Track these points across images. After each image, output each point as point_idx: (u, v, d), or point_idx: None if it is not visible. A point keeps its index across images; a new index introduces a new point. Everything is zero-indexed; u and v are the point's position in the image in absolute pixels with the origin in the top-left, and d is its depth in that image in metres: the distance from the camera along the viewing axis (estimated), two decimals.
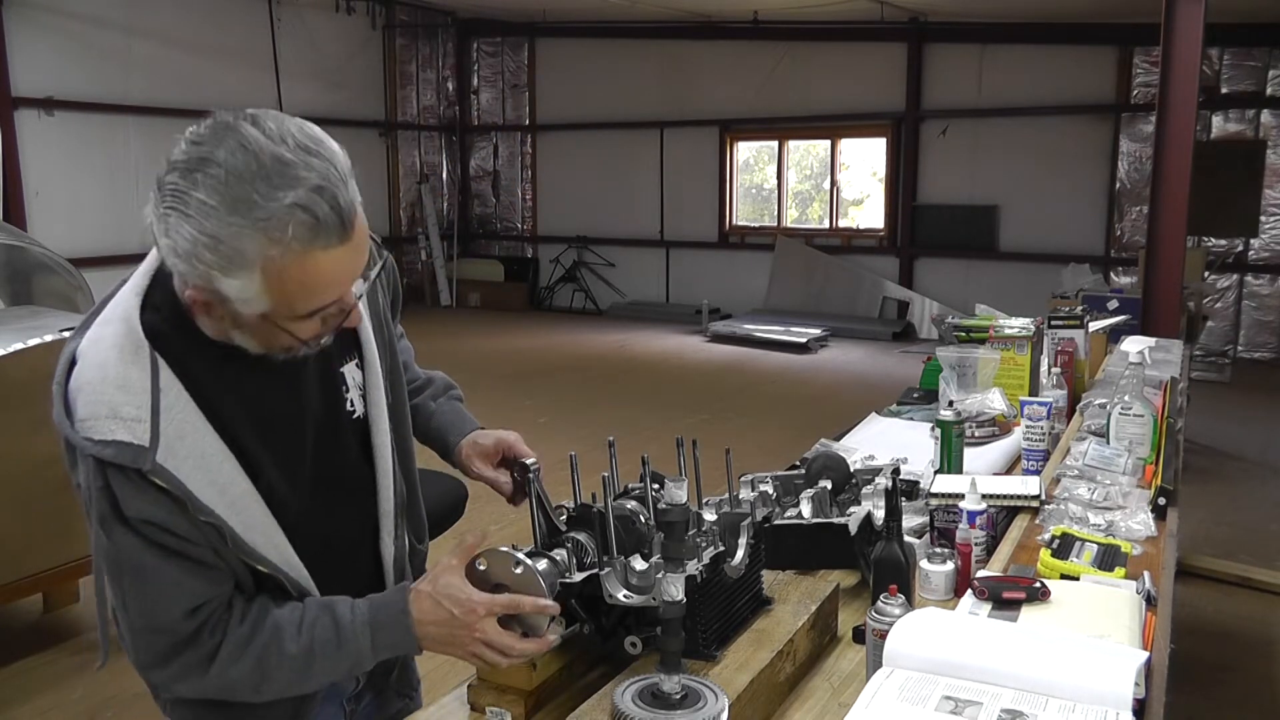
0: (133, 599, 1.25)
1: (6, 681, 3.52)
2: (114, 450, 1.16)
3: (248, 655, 1.26)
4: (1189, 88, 4.91)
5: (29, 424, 3.33)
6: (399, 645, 1.32)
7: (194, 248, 1.09)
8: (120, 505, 1.19)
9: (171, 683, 1.30)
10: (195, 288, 1.15)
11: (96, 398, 1.18)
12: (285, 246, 1.09)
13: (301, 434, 1.36)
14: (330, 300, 1.18)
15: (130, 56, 9.40)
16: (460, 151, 13.69)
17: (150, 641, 1.26)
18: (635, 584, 1.33)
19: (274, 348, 1.23)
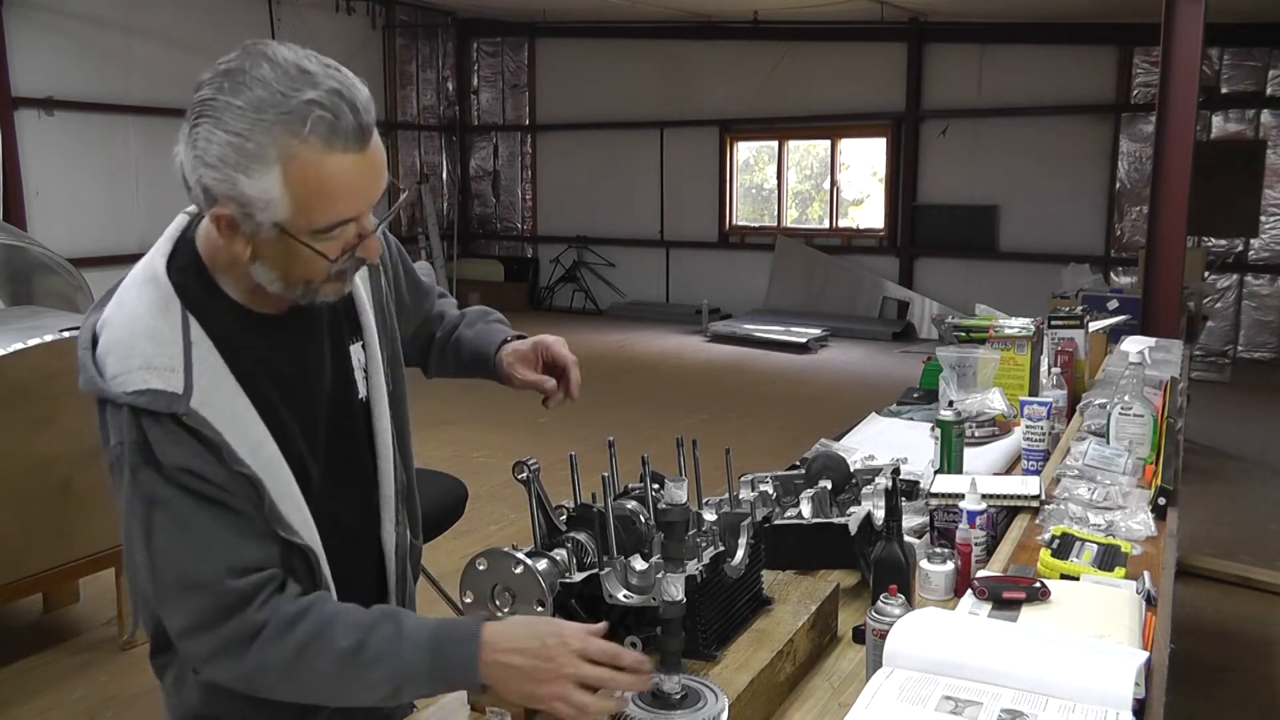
0: (171, 554, 1.19)
1: (6, 681, 3.52)
2: (149, 398, 1.17)
3: (293, 637, 1.19)
4: (1189, 88, 4.91)
5: (29, 424, 3.33)
6: (459, 671, 1.20)
7: (221, 150, 1.12)
8: (156, 453, 1.17)
9: (210, 656, 1.22)
10: (221, 202, 1.15)
11: (128, 352, 1.19)
12: (304, 141, 1.12)
13: (318, 407, 1.36)
14: (347, 215, 1.18)
15: (130, 56, 9.39)
16: (460, 151, 13.69)
17: (190, 603, 1.19)
18: (635, 584, 1.33)
19: (294, 279, 1.22)
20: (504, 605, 1.33)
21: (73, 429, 3.43)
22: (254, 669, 1.21)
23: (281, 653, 1.20)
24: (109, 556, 3.63)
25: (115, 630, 3.80)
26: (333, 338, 1.39)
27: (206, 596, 1.19)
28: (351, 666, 1.20)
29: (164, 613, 1.24)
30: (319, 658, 1.20)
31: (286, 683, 1.23)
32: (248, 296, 1.28)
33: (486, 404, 6.06)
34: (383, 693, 1.23)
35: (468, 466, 5.44)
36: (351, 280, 1.31)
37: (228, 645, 1.20)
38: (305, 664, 1.20)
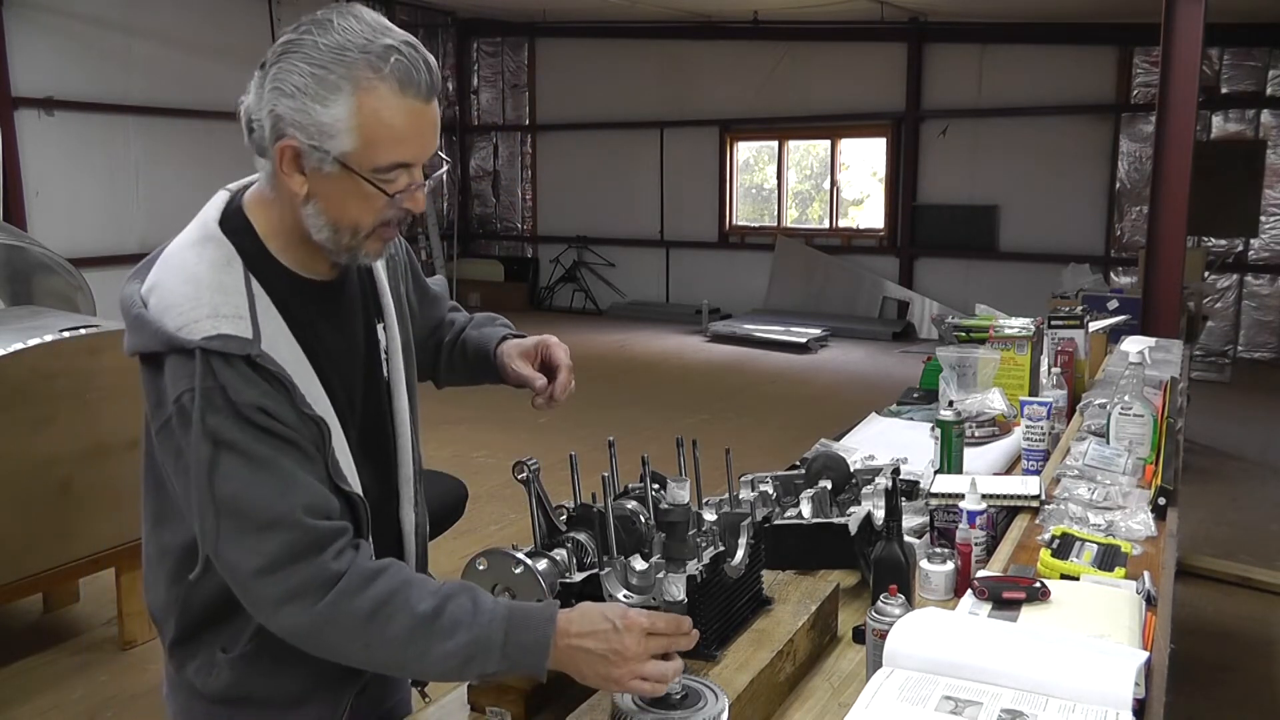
0: (245, 494, 1.19)
1: (6, 681, 3.52)
2: (221, 341, 1.20)
3: (369, 592, 1.20)
4: (1189, 88, 4.91)
5: (29, 424, 3.33)
6: (532, 651, 1.22)
7: (302, 80, 1.18)
8: (230, 394, 1.19)
9: (283, 599, 1.20)
10: (289, 133, 1.20)
11: (194, 304, 1.22)
12: (382, 79, 1.19)
13: (355, 380, 1.40)
14: (406, 159, 1.24)
15: (130, 56, 9.39)
16: (460, 151, 13.69)
17: (267, 542, 1.19)
18: (635, 584, 1.33)
19: (343, 225, 1.26)
20: None
21: (73, 429, 3.43)
22: (326, 619, 1.20)
23: (357, 607, 1.19)
24: (109, 556, 3.63)
25: (115, 630, 3.81)
26: (364, 317, 1.43)
27: (284, 534, 1.19)
28: (426, 632, 1.20)
29: (234, 557, 1.21)
30: (394, 619, 1.20)
31: (355, 641, 1.22)
32: (297, 262, 1.32)
33: (487, 404, 6.07)
34: (453, 664, 1.22)
35: (468, 466, 5.45)
36: (392, 239, 1.34)
37: (304, 589, 1.19)
38: (379, 623, 1.20)
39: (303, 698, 1.39)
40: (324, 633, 1.21)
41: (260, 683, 1.36)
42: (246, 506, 1.19)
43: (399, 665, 1.26)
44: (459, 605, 1.22)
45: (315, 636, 1.22)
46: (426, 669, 1.25)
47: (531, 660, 1.22)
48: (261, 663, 1.34)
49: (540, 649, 1.21)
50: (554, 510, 1.43)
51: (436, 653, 1.21)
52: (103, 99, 9.16)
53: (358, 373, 1.41)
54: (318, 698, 1.40)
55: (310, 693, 1.39)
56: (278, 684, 1.36)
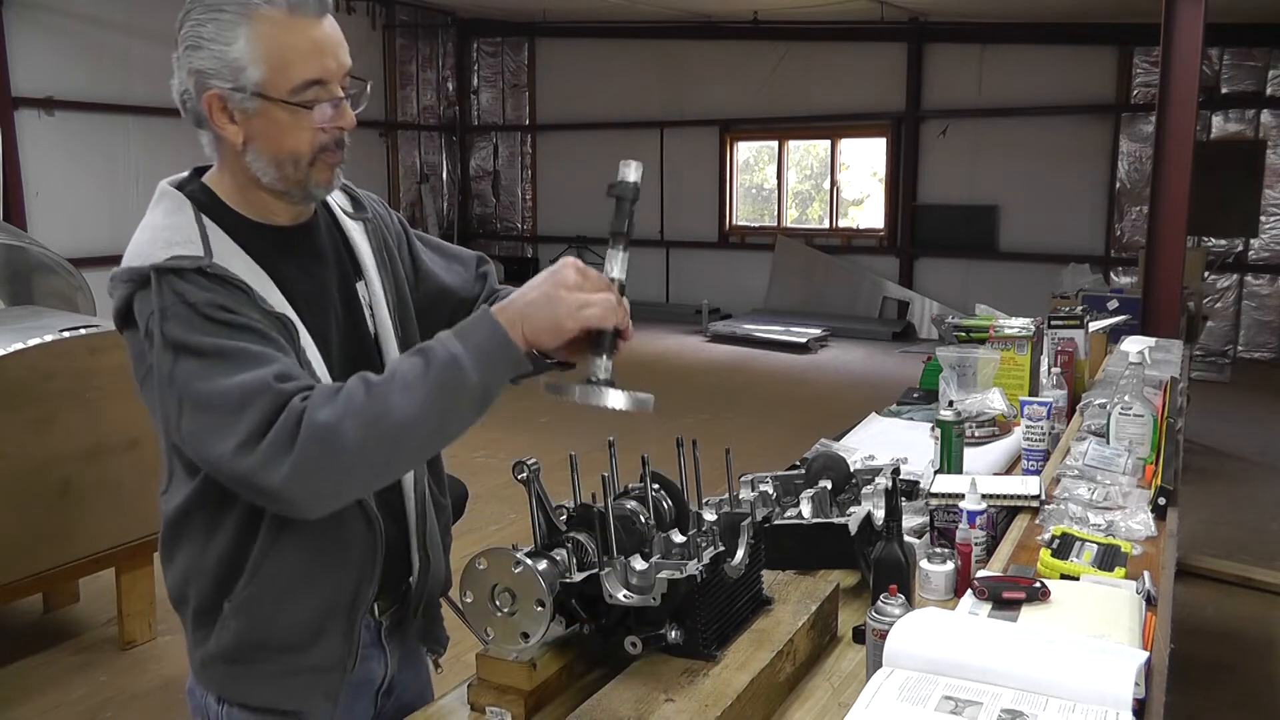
0: (220, 380, 1.19)
1: (6, 681, 3.52)
2: (174, 260, 1.26)
3: (334, 400, 1.18)
4: (1189, 88, 4.91)
5: (29, 424, 3.33)
6: (492, 342, 1.22)
7: (199, 29, 1.28)
8: (188, 299, 1.24)
9: (265, 461, 1.17)
10: (211, 83, 1.28)
11: (149, 243, 1.30)
12: (273, 5, 1.27)
13: (329, 326, 1.42)
14: (314, 75, 1.29)
15: (130, 56, 9.38)
16: (460, 151, 13.69)
17: (244, 417, 1.18)
18: (635, 584, 1.33)
19: (283, 157, 1.32)
20: (504, 605, 1.33)
21: (73, 429, 3.43)
22: (311, 447, 1.17)
23: (334, 409, 1.18)
24: (109, 556, 3.63)
25: (115, 630, 3.81)
26: (338, 271, 1.46)
27: (258, 403, 1.18)
28: (395, 390, 1.19)
29: (218, 448, 1.20)
30: (372, 398, 1.19)
31: (348, 447, 1.17)
32: (256, 213, 1.38)
33: None
34: (439, 399, 1.20)
35: (468, 466, 5.44)
36: (337, 169, 1.37)
37: (279, 439, 1.17)
38: (353, 417, 1.17)
39: (313, 634, 1.39)
40: (315, 464, 1.18)
41: (267, 627, 1.37)
42: (220, 396, 1.19)
43: (395, 439, 1.21)
44: (408, 361, 1.23)
45: (310, 471, 1.18)
46: (427, 422, 1.21)
47: (498, 347, 1.22)
48: (264, 606, 1.36)
49: (497, 335, 1.22)
50: (554, 510, 1.43)
51: (418, 402, 1.19)
52: (103, 99, 9.16)
53: (333, 322, 1.43)
54: (328, 631, 1.40)
55: (319, 626, 1.39)
56: (283, 623, 1.37)
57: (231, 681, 1.40)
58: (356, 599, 1.41)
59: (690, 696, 1.28)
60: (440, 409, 1.21)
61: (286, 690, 1.40)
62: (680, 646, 1.36)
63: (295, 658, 1.39)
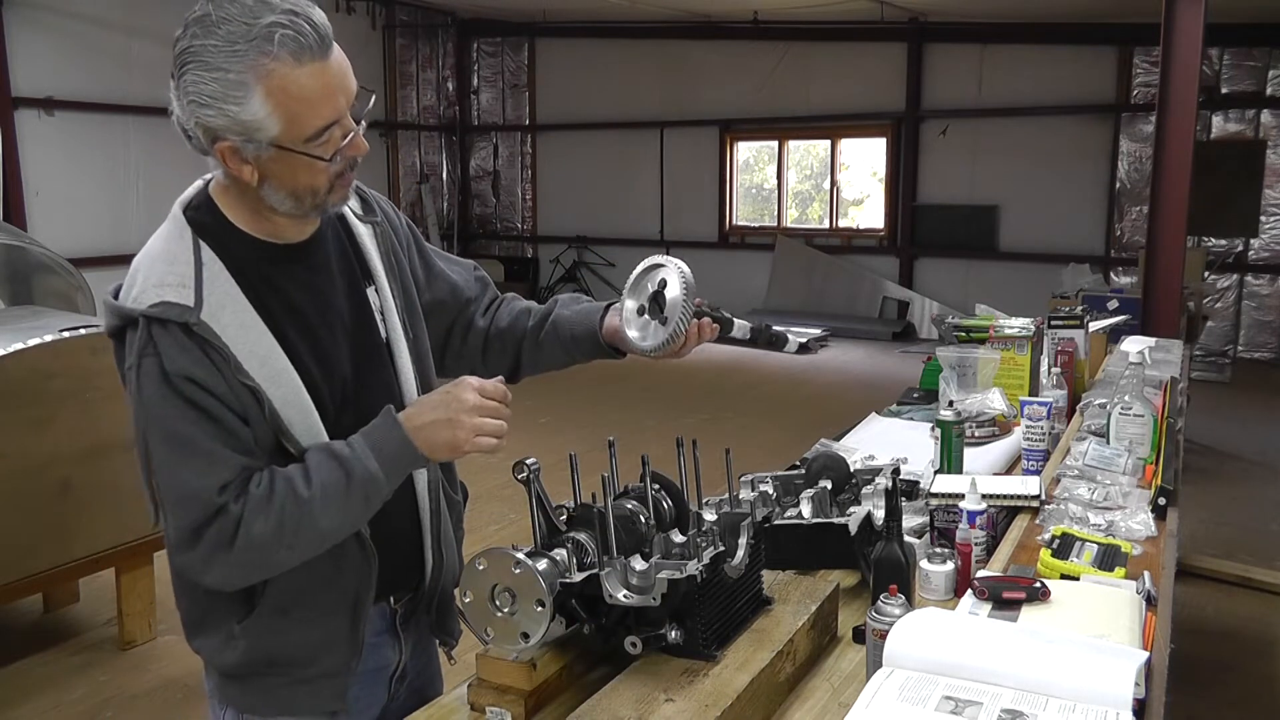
0: (171, 468, 1.29)
1: (6, 681, 3.52)
2: (161, 308, 1.28)
3: (269, 513, 1.29)
4: (1189, 88, 4.91)
5: (29, 424, 3.33)
6: (402, 455, 1.35)
7: (209, 87, 1.25)
8: (164, 363, 1.27)
9: (202, 566, 1.31)
10: (221, 135, 1.28)
11: (145, 276, 1.32)
12: (276, 60, 1.24)
13: (338, 343, 1.43)
14: (330, 119, 1.29)
15: (130, 56, 9.38)
16: (460, 151, 13.69)
17: (185, 513, 1.29)
18: (635, 584, 1.33)
19: (301, 192, 1.33)
20: (504, 605, 1.33)
21: (73, 429, 3.43)
22: (250, 551, 1.30)
23: (268, 526, 1.29)
24: (109, 556, 3.63)
25: (115, 630, 3.81)
26: (346, 278, 1.47)
27: (195, 510, 1.28)
28: (325, 504, 1.31)
29: (166, 525, 1.34)
30: (299, 516, 1.30)
31: (277, 553, 1.32)
32: (263, 231, 1.39)
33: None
34: (358, 510, 1.35)
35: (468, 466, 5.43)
36: (351, 187, 1.40)
37: (216, 546, 1.29)
38: (287, 529, 1.30)
39: (317, 647, 1.44)
40: (250, 565, 1.32)
41: (274, 644, 1.41)
42: (168, 481, 1.30)
43: (319, 543, 1.35)
44: (328, 470, 1.32)
45: (245, 571, 1.33)
46: (344, 528, 1.36)
47: (406, 457, 1.36)
48: (272, 622, 1.40)
49: (406, 446, 1.35)
50: (554, 510, 1.43)
51: (340, 515, 1.33)
52: (103, 99, 9.16)
53: (339, 333, 1.44)
54: (332, 641, 1.44)
55: (322, 639, 1.43)
56: (291, 640, 1.42)
57: (244, 697, 1.47)
58: (357, 609, 1.45)
59: (690, 696, 1.28)
60: (356, 516, 1.37)
61: (298, 698, 1.46)
62: (680, 646, 1.36)
63: (302, 669, 1.44)
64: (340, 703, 1.48)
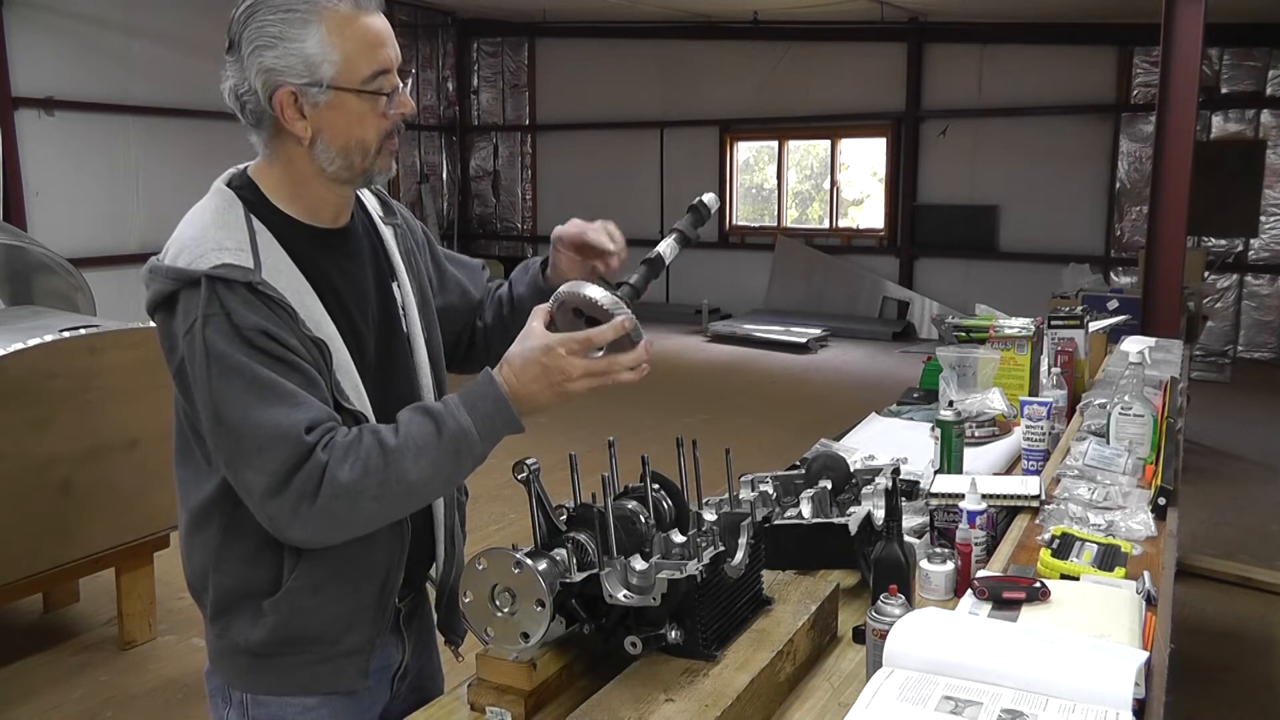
0: (254, 416, 1.26)
1: (6, 681, 3.52)
2: (225, 269, 1.28)
3: (355, 460, 1.27)
4: (1189, 88, 4.91)
5: (29, 424, 3.33)
6: (497, 415, 1.33)
7: (269, 28, 1.31)
8: (235, 319, 1.27)
9: (291, 514, 1.27)
10: (283, 81, 1.31)
11: (199, 241, 1.32)
12: (336, 5, 1.32)
13: (368, 325, 1.45)
14: (384, 64, 1.36)
15: (130, 56, 9.38)
16: (460, 151, 13.69)
17: (273, 458, 1.26)
18: (635, 584, 1.33)
19: (352, 148, 1.36)
20: (504, 605, 1.33)
21: (73, 429, 3.43)
22: (332, 502, 1.27)
23: (353, 472, 1.27)
24: (109, 556, 3.63)
25: (115, 630, 3.81)
26: (374, 270, 1.50)
27: (284, 450, 1.26)
28: (417, 454, 1.29)
29: (246, 478, 1.29)
30: (386, 464, 1.28)
31: (365, 504, 1.29)
32: (301, 211, 1.41)
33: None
34: (449, 466, 1.33)
35: None
36: (395, 154, 1.43)
37: (305, 492, 1.26)
38: (374, 473, 1.28)
39: (346, 623, 1.43)
40: (336, 517, 1.29)
41: (303, 620, 1.41)
42: (252, 427, 1.26)
43: (408, 499, 1.34)
44: (419, 424, 1.31)
45: (331, 525, 1.30)
46: (435, 483, 1.34)
47: (502, 419, 1.34)
48: (303, 598, 1.39)
49: (501, 405, 1.33)
50: (554, 510, 1.43)
51: (430, 466, 1.31)
52: (103, 99, 9.15)
53: (369, 316, 1.47)
54: (359, 619, 1.45)
55: (351, 616, 1.44)
56: (319, 616, 1.41)
57: (264, 678, 1.44)
58: (386, 586, 1.46)
59: (690, 696, 1.28)
60: (448, 473, 1.34)
61: (319, 676, 1.45)
62: (680, 646, 1.36)
63: (327, 647, 1.44)
64: (363, 680, 1.47)
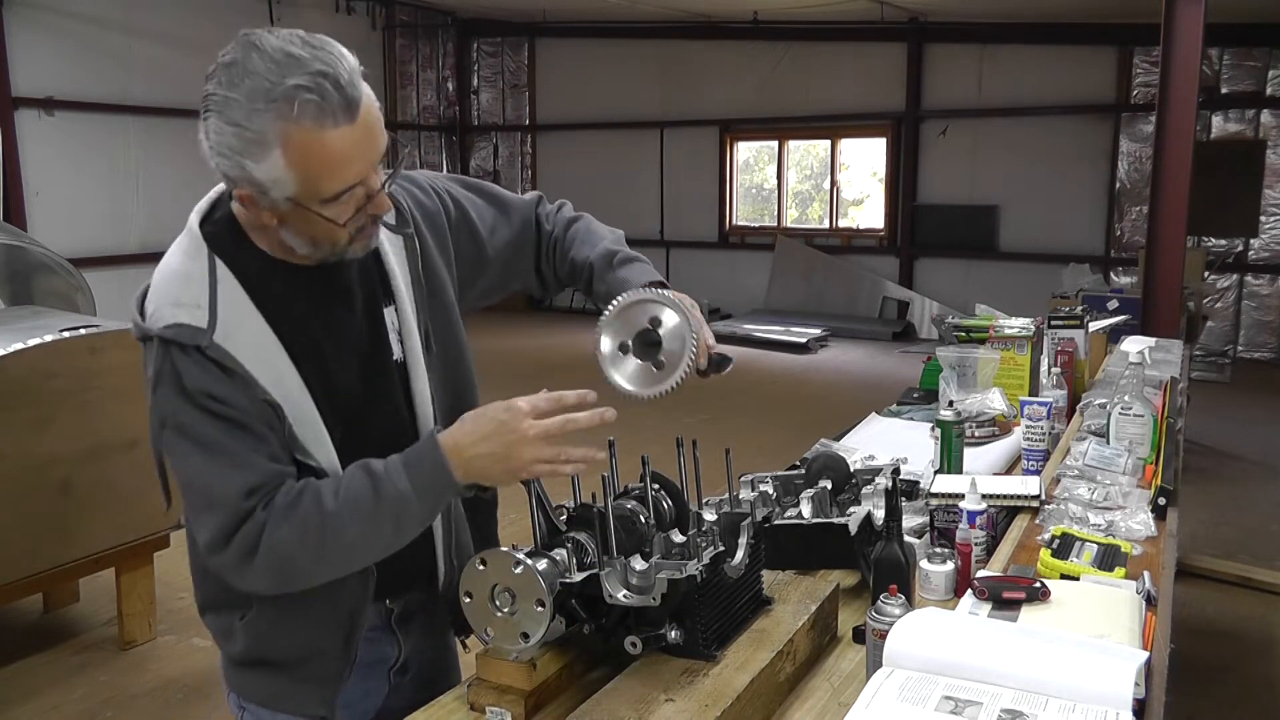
0: (197, 474, 1.30)
1: (6, 681, 3.52)
2: (175, 330, 1.28)
3: (292, 521, 1.28)
4: (1189, 88, 4.91)
5: (29, 424, 3.33)
6: (437, 478, 1.31)
7: (226, 139, 1.23)
8: (183, 380, 1.28)
9: (236, 564, 1.30)
10: (239, 184, 1.27)
11: (161, 292, 1.32)
12: (296, 124, 1.20)
13: (349, 368, 1.43)
14: (350, 182, 1.27)
15: (130, 56, 9.39)
16: (460, 151, 13.69)
17: (213, 518, 1.29)
18: (635, 584, 1.33)
19: (319, 242, 1.33)
20: (504, 605, 1.33)
21: (73, 429, 3.43)
22: (274, 561, 1.29)
23: (290, 534, 1.28)
24: (109, 556, 3.63)
25: (115, 630, 3.81)
26: (365, 297, 1.46)
27: (223, 514, 1.29)
28: (353, 519, 1.30)
29: (194, 530, 1.34)
30: (324, 528, 1.29)
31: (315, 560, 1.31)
32: (279, 249, 1.38)
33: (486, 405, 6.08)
34: (388, 532, 1.33)
35: None
36: (376, 236, 1.39)
37: (244, 550, 1.29)
38: (313, 536, 1.29)
39: (309, 652, 1.45)
40: (278, 573, 1.32)
41: (267, 644, 1.45)
42: (197, 487, 1.31)
43: (345, 560, 1.35)
44: (358, 484, 1.31)
45: (275, 579, 1.33)
46: (374, 546, 1.34)
47: (441, 484, 1.31)
48: (265, 626, 1.43)
49: (440, 471, 1.31)
50: (554, 510, 1.43)
51: (367, 529, 1.31)
52: (103, 99, 9.16)
53: (348, 353, 1.43)
54: (324, 650, 1.46)
55: (315, 646, 1.45)
56: (281, 644, 1.45)
57: (244, 684, 1.51)
58: (351, 626, 1.46)
59: (690, 696, 1.28)
60: (388, 536, 1.34)
61: (289, 695, 1.48)
62: (680, 646, 1.36)
63: (294, 670, 1.47)
64: (327, 709, 1.48)
